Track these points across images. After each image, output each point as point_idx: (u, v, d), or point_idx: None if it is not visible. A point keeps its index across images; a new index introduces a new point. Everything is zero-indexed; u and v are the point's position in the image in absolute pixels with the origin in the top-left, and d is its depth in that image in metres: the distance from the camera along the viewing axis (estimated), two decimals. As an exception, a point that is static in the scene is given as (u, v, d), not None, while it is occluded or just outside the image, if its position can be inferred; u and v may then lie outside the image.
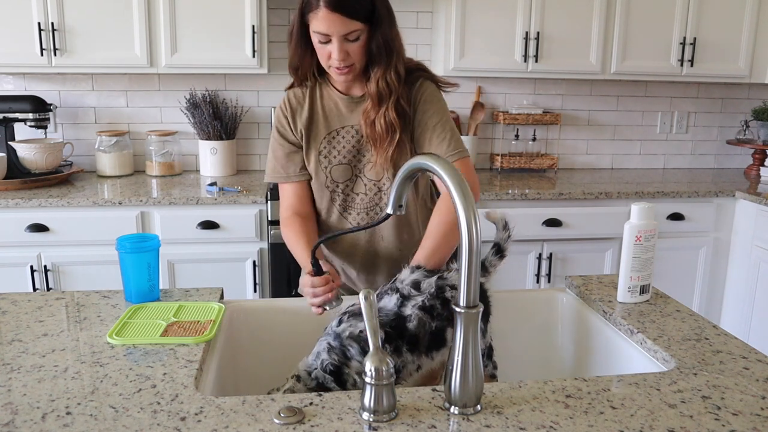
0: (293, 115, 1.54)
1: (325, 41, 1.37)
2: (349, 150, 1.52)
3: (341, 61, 1.38)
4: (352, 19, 1.34)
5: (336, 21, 1.33)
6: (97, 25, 2.72)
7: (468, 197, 0.87)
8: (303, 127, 1.53)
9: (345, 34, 1.35)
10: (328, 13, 1.32)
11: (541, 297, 1.55)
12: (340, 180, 1.54)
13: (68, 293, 1.41)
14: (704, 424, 0.91)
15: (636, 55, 3.06)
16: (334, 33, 1.35)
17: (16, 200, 2.51)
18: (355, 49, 1.39)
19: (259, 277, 2.69)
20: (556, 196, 2.83)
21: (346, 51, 1.38)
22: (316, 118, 1.53)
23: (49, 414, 0.91)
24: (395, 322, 1.17)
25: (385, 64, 1.42)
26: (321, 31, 1.35)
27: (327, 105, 1.52)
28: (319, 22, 1.34)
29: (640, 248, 1.34)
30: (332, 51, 1.37)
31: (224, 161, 3.07)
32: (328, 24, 1.33)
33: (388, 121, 1.43)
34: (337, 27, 1.34)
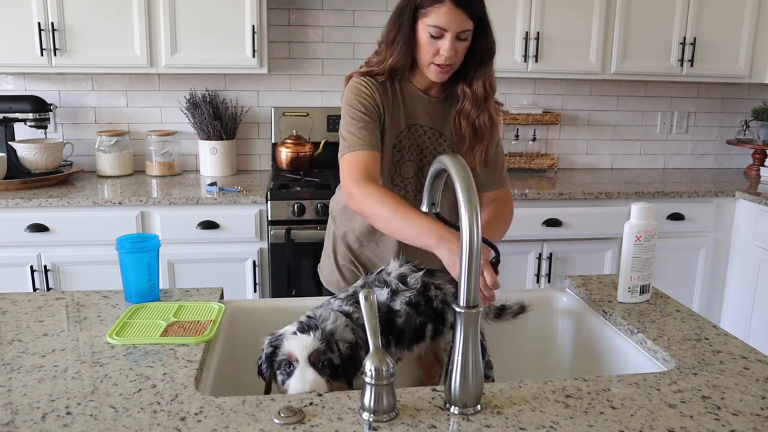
0: (381, 96, 1.48)
1: (439, 36, 1.39)
2: (415, 148, 1.54)
3: (450, 58, 1.40)
4: (470, 18, 1.38)
5: (457, 17, 1.36)
6: (97, 25, 2.72)
7: (473, 199, 0.88)
8: (389, 114, 1.49)
9: (461, 31, 1.38)
10: (452, 7, 1.36)
11: (541, 297, 1.55)
12: (406, 176, 1.55)
13: (68, 293, 1.41)
14: (704, 424, 0.91)
15: (636, 55, 3.06)
16: (452, 29, 1.37)
17: (16, 200, 2.51)
18: (462, 48, 1.42)
19: (259, 277, 2.69)
20: (556, 196, 2.83)
21: (455, 49, 1.40)
22: (397, 109, 1.51)
23: (49, 414, 0.91)
24: (386, 315, 1.19)
25: (486, 67, 1.46)
26: (440, 25, 1.37)
27: (408, 100, 1.53)
28: (441, 15, 1.36)
29: (640, 248, 1.34)
30: (442, 46, 1.39)
31: (224, 161, 3.07)
32: (449, 18, 1.36)
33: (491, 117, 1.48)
34: (457, 23, 1.37)
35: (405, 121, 1.52)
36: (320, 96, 3.23)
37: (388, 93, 1.50)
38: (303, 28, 3.16)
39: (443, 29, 1.38)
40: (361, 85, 1.48)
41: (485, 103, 1.48)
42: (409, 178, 1.55)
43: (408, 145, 1.53)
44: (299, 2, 3.12)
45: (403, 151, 1.53)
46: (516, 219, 1.57)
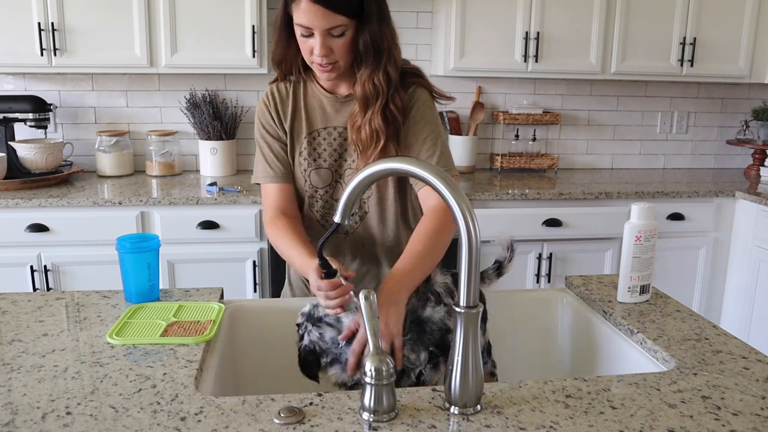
0: (277, 109, 1.44)
1: (308, 35, 1.28)
2: (330, 153, 1.43)
3: (323, 57, 1.29)
4: (336, 12, 1.24)
5: (318, 13, 1.23)
6: (97, 25, 2.72)
7: (463, 198, 0.87)
8: (287, 124, 1.44)
9: (328, 28, 1.25)
10: (309, 4, 1.23)
11: (541, 297, 1.55)
12: (319, 185, 1.45)
13: (68, 293, 1.41)
14: (704, 424, 0.91)
15: (636, 55, 3.06)
16: (317, 27, 1.25)
17: (16, 200, 2.51)
18: (339, 45, 1.28)
19: (259, 277, 2.69)
20: (556, 196, 2.83)
21: (329, 47, 1.28)
22: (298, 116, 1.44)
23: (49, 414, 0.91)
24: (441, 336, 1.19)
25: (372, 64, 1.31)
26: (303, 24, 1.26)
27: (310, 103, 1.44)
28: (301, 14, 1.25)
29: (640, 248, 1.34)
30: (315, 45, 1.28)
31: (224, 161, 3.07)
32: (309, 16, 1.24)
33: (374, 127, 1.33)
34: (320, 20, 1.24)
35: (307, 129, 1.43)
36: (320, 96, 3.23)
37: (289, 101, 1.43)
38: (303, 28, 3.15)
39: (308, 27, 1.26)
40: (264, 104, 1.45)
41: (367, 109, 1.33)
42: (325, 186, 1.45)
43: (318, 152, 1.43)
44: (299, 2, 3.12)
45: (312, 158, 1.43)
46: (516, 219, 1.56)
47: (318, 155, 1.44)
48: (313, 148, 1.43)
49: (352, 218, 1.01)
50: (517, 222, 2.75)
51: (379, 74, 1.32)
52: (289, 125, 1.43)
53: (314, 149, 1.43)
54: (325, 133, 1.43)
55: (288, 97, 1.44)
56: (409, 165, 0.91)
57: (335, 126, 1.42)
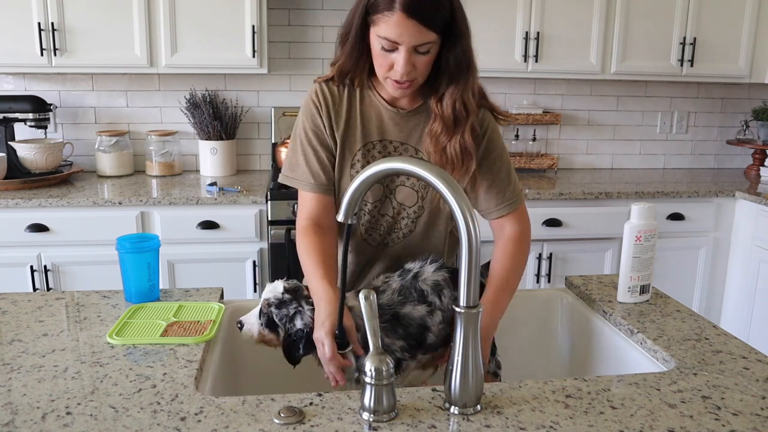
0: (329, 113, 1.32)
1: (391, 49, 1.18)
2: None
3: (405, 75, 1.19)
4: (429, 28, 1.15)
5: (412, 29, 1.14)
6: (97, 25, 2.72)
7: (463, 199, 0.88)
8: (339, 131, 1.32)
9: (417, 44, 1.16)
10: (403, 18, 1.13)
11: (541, 297, 1.55)
12: (369, 199, 1.36)
13: (68, 293, 1.41)
14: (704, 424, 0.91)
15: (636, 55, 3.06)
16: (405, 42, 1.16)
17: (16, 200, 2.51)
18: (422, 62, 1.20)
19: (259, 277, 2.69)
20: (556, 196, 2.83)
21: (413, 63, 1.19)
22: (353, 124, 1.32)
23: (49, 414, 0.91)
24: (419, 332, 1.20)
25: (462, 82, 1.24)
26: (390, 38, 1.16)
27: (367, 112, 1.33)
28: (392, 27, 1.15)
29: (640, 248, 1.34)
30: (397, 61, 1.18)
31: (224, 161, 3.07)
32: (400, 31, 1.14)
33: (463, 146, 1.25)
34: (411, 36, 1.15)
35: (363, 139, 1.32)
36: (320, 96, 3.23)
37: (343, 106, 1.32)
38: (303, 28, 3.16)
39: (395, 42, 1.16)
40: (314, 105, 1.33)
41: (456, 128, 1.26)
42: (375, 201, 1.36)
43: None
44: (299, 2, 3.12)
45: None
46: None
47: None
48: (367, 160, 1.32)
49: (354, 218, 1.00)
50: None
51: (469, 93, 1.26)
52: (341, 134, 1.32)
53: (368, 162, 1.32)
54: (381, 146, 1.33)
55: (342, 102, 1.33)
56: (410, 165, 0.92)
57: (391, 140, 1.33)
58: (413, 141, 1.33)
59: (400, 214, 1.37)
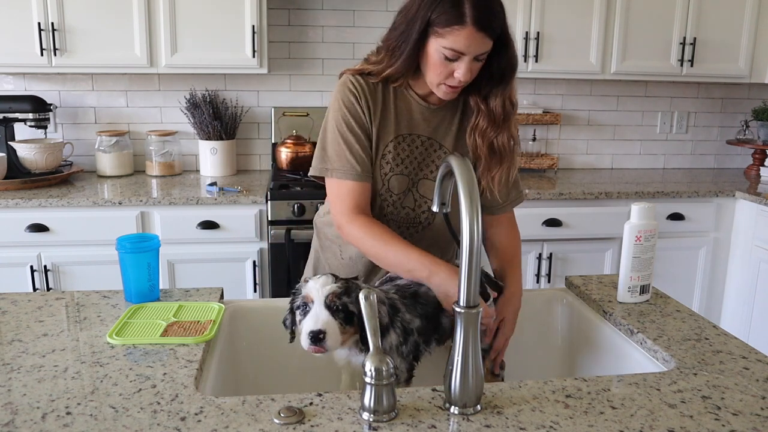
0: (368, 102, 1.35)
1: (455, 59, 1.23)
2: (411, 161, 1.39)
3: (466, 82, 1.27)
4: (492, 38, 1.23)
5: (478, 40, 1.21)
6: (97, 25, 2.72)
7: (474, 200, 0.88)
8: (376, 122, 1.36)
9: (480, 54, 1.24)
10: (474, 31, 1.19)
11: (541, 297, 1.55)
12: (395, 191, 1.40)
13: (68, 293, 1.41)
14: (704, 424, 0.91)
15: (636, 55, 3.06)
16: (471, 52, 1.22)
17: (16, 200, 2.51)
18: (478, 67, 1.27)
19: (259, 277, 2.69)
20: (556, 196, 2.83)
21: (471, 71, 1.26)
22: (387, 116, 1.36)
23: (49, 414, 0.91)
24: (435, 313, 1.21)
25: (507, 84, 1.33)
26: (458, 49, 1.21)
27: (399, 106, 1.37)
28: (461, 39, 1.20)
29: (640, 248, 1.34)
30: (458, 69, 1.24)
31: (224, 161, 3.07)
32: (469, 42, 1.20)
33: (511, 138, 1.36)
34: (477, 46, 1.21)
35: (395, 131, 1.37)
36: (320, 96, 3.23)
37: (378, 97, 1.36)
38: (303, 28, 3.16)
39: (461, 53, 1.22)
40: (353, 88, 1.34)
41: (504, 123, 1.34)
42: (399, 193, 1.40)
43: (401, 157, 1.38)
44: (299, 2, 3.13)
45: (395, 163, 1.38)
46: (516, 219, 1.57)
47: (401, 161, 1.38)
48: (398, 153, 1.38)
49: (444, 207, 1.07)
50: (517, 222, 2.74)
51: (512, 94, 1.35)
52: (378, 124, 1.36)
53: (398, 154, 1.38)
54: (410, 139, 1.38)
55: (377, 94, 1.36)
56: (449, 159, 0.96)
57: (419, 134, 1.39)
58: (439, 136, 1.40)
59: (421, 207, 1.42)
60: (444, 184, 1.04)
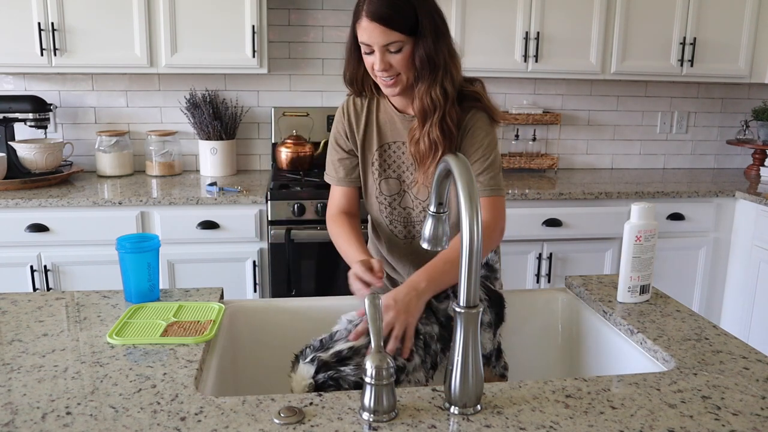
0: (350, 122, 1.54)
1: (369, 52, 1.37)
2: (398, 165, 1.52)
3: (383, 72, 1.37)
4: (392, 29, 1.32)
5: (375, 31, 1.32)
6: (97, 25, 2.72)
7: (474, 200, 0.88)
8: (359, 136, 1.53)
9: (385, 44, 1.33)
10: (368, 23, 1.32)
11: (541, 297, 1.55)
12: (387, 193, 1.55)
13: (68, 293, 1.41)
14: (704, 424, 0.91)
15: (636, 55, 3.06)
16: (375, 43, 1.34)
17: (16, 200, 2.51)
18: (398, 60, 1.35)
19: (259, 277, 2.69)
20: (556, 196, 2.83)
21: (388, 62, 1.35)
22: (370, 130, 1.53)
23: (49, 414, 0.91)
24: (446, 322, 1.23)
25: (429, 79, 1.37)
26: (364, 41, 1.36)
27: (382, 118, 1.52)
28: (362, 32, 1.35)
29: (640, 248, 1.34)
30: (374, 61, 1.36)
31: (224, 161, 3.07)
32: (369, 34, 1.33)
33: (432, 138, 1.39)
34: (378, 37, 1.33)
35: (379, 142, 1.52)
36: (320, 96, 3.23)
37: (362, 115, 1.52)
38: (303, 28, 3.16)
39: (368, 44, 1.35)
40: (339, 116, 1.56)
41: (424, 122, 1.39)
42: (392, 195, 1.55)
43: (388, 163, 1.53)
44: (299, 2, 3.13)
45: (382, 168, 1.53)
46: (516, 219, 1.57)
47: (388, 166, 1.53)
48: (384, 159, 1.53)
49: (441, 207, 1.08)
50: (517, 222, 2.74)
51: (437, 89, 1.37)
52: (361, 137, 1.53)
53: (384, 161, 1.53)
54: (395, 146, 1.52)
55: (362, 111, 1.53)
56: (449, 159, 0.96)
57: (404, 141, 1.50)
58: None
59: (418, 207, 1.53)
60: (442, 184, 1.04)
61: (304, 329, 1.37)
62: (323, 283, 2.72)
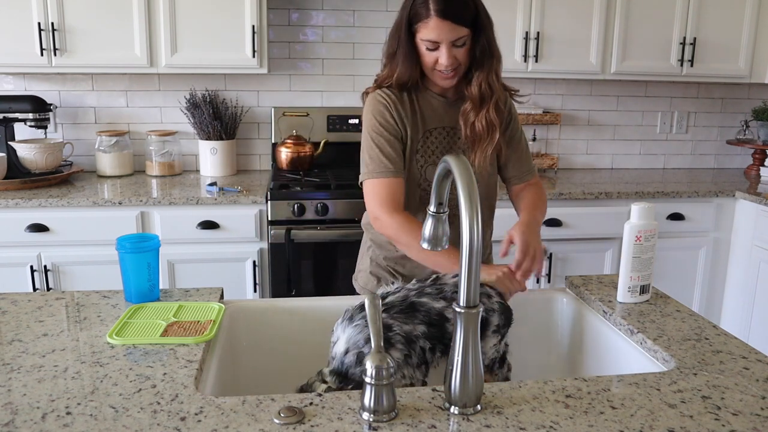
0: (398, 109, 1.54)
1: (434, 48, 1.43)
2: (441, 150, 1.56)
3: (449, 66, 1.44)
4: (460, 25, 1.40)
5: (445, 28, 1.39)
6: (97, 25, 2.72)
7: (474, 200, 0.88)
8: (409, 122, 1.54)
9: (453, 40, 1.41)
10: (438, 21, 1.39)
11: (541, 297, 1.55)
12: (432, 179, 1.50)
13: (68, 293, 1.41)
14: (704, 424, 0.91)
15: (636, 55, 3.06)
16: (444, 40, 1.41)
17: (16, 200, 2.51)
18: (461, 53, 1.45)
19: (259, 277, 2.69)
20: (556, 196, 2.83)
21: (454, 56, 1.44)
22: (416, 116, 1.55)
23: (49, 414, 0.91)
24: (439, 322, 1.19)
25: (487, 67, 1.47)
26: (431, 39, 1.41)
27: (424, 104, 1.56)
28: (430, 30, 1.40)
29: (640, 248, 1.34)
30: (441, 57, 1.43)
31: (224, 161, 3.07)
32: (438, 31, 1.40)
33: (489, 121, 1.49)
34: (447, 33, 1.40)
35: (423, 128, 1.55)
36: (320, 96, 3.23)
37: (406, 104, 1.54)
38: (303, 28, 3.16)
39: (436, 41, 1.42)
40: (382, 101, 1.53)
41: (481, 106, 1.50)
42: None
43: (431, 149, 1.56)
44: (299, 2, 3.13)
45: (426, 155, 1.55)
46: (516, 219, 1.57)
47: (431, 152, 1.56)
48: (427, 146, 1.56)
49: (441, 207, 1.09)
50: (517, 222, 2.74)
51: (493, 75, 1.49)
52: (410, 124, 1.54)
53: (428, 147, 1.56)
54: (437, 132, 1.56)
55: (404, 99, 1.55)
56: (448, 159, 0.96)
57: (444, 126, 1.57)
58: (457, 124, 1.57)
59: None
60: (442, 184, 1.04)
61: (304, 329, 1.38)
62: (323, 283, 2.72)
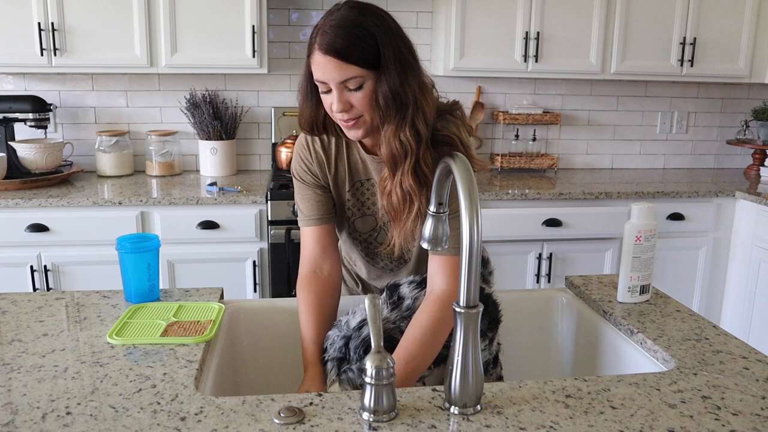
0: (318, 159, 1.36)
1: (326, 90, 1.18)
2: (373, 202, 1.37)
3: (343, 113, 1.18)
4: (350, 63, 1.13)
5: (329, 66, 1.13)
6: (97, 25, 2.72)
7: (474, 200, 0.88)
8: (330, 174, 1.37)
9: (342, 81, 1.14)
10: (321, 56, 1.13)
11: (541, 297, 1.55)
12: (363, 230, 1.41)
13: (68, 293, 1.41)
14: (704, 424, 0.91)
15: (636, 55, 3.06)
16: (331, 80, 1.15)
17: (16, 200, 2.51)
18: (359, 99, 1.16)
19: (259, 277, 2.69)
20: (556, 196, 2.83)
21: (348, 101, 1.17)
22: (342, 166, 1.36)
23: (49, 414, 0.91)
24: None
25: (396, 119, 1.17)
26: (319, 78, 1.17)
27: (353, 156, 1.36)
28: (316, 67, 1.16)
29: (640, 248, 1.34)
30: (332, 100, 1.17)
31: (224, 161, 3.07)
32: (323, 69, 1.14)
33: (405, 189, 1.20)
34: (332, 73, 1.14)
35: (350, 180, 1.36)
36: (320, 96, 3.23)
37: (332, 152, 1.35)
38: (303, 28, 3.16)
39: (323, 82, 1.16)
40: (303, 148, 1.36)
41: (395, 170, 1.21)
42: (368, 231, 1.41)
43: (361, 201, 1.38)
44: (299, 2, 3.12)
45: (353, 208, 1.39)
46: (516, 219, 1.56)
47: (361, 204, 1.39)
48: (357, 198, 1.38)
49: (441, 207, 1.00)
50: (517, 222, 2.75)
51: (406, 130, 1.17)
52: (332, 175, 1.37)
53: (358, 199, 1.38)
54: (368, 184, 1.37)
55: (330, 149, 1.36)
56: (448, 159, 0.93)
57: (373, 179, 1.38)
58: None
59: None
60: (443, 185, 1.00)
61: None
62: (323, 283, 2.72)
